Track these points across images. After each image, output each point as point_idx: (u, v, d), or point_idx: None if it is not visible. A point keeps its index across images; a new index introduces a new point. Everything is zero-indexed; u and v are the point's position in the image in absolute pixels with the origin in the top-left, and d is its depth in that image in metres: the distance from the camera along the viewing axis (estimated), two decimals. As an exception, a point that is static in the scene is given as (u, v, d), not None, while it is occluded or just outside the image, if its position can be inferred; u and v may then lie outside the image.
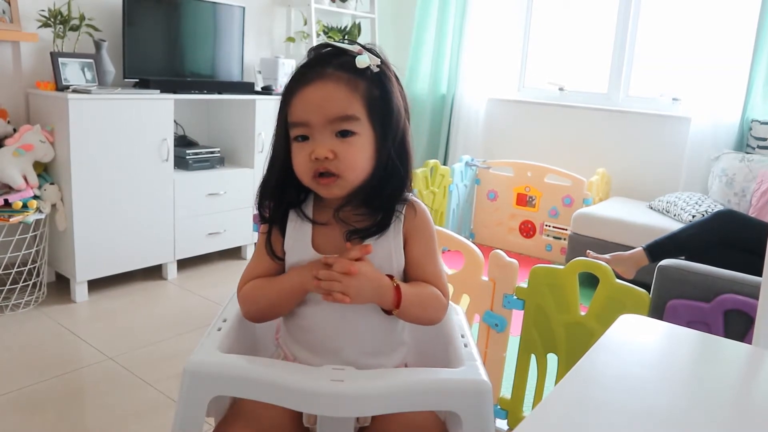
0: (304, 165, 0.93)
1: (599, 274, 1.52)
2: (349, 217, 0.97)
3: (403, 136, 0.98)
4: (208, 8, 3.12)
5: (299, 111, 0.93)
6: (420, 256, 1.00)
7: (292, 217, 1.00)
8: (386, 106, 0.94)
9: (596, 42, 3.78)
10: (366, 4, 4.11)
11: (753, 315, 1.38)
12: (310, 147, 0.92)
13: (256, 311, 1.02)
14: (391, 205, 0.98)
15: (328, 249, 0.98)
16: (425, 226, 1.01)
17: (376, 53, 0.96)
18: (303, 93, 0.92)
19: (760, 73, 3.12)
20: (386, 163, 0.95)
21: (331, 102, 0.91)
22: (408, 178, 0.99)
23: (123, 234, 2.64)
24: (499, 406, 1.71)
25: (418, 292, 0.98)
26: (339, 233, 0.98)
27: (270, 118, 3.11)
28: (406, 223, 0.99)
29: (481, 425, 0.87)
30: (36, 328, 2.31)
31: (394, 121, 0.95)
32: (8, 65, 2.59)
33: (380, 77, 0.94)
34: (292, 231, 1.00)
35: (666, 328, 0.91)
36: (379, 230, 0.97)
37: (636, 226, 2.91)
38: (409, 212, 1.00)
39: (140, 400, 1.87)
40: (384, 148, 0.95)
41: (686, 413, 0.66)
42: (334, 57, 0.94)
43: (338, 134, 0.92)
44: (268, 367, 0.87)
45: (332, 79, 0.91)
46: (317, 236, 0.99)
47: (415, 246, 1.00)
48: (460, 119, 4.04)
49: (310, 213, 1.00)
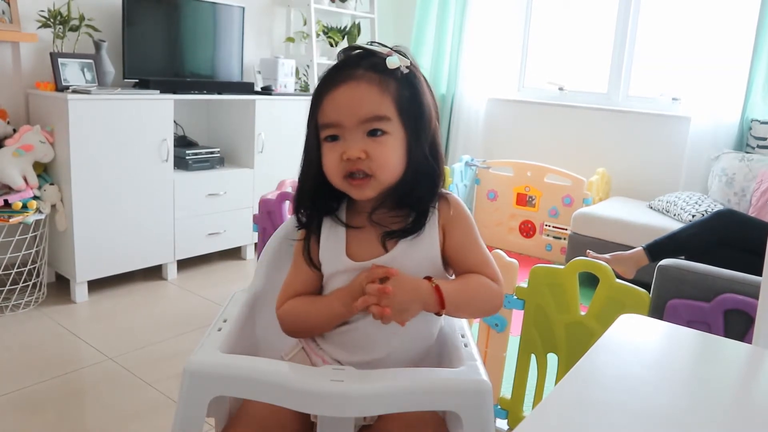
0: (335, 165, 0.93)
1: (599, 274, 1.53)
2: (384, 219, 0.97)
3: (434, 137, 0.98)
4: (208, 8, 3.12)
5: (330, 112, 0.92)
6: (462, 246, 0.99)
7: (326, 225, 1.01)
8: (417, 107, 0.95)
9: (596, 42, 3.78)
10: (366, 4, 4.11)
11: (753, 315, 1.38)
12: (341, 147, 0.92)
13: (296, 332, 1.02)
14: (425, 204, 0.97)
15: (363, 255, 0.98)
16: (462, 216, 1.00)
17: (404, 54, 0.96)
18: (334, 94, 0.92)
19: (760, 72, 3.12)
20: (419, 163, 0.95)
21: (362, 102, 0.91)
22: (441, 177, 0.98)
23: (123, 234, 2.64)
24: (499, 406, 1.71)
25: (461, 287, 0.96)
26: (374, 237, 0.98)
27: (270, 119, 3.12)
28: (442, 217, 0.99)
29: (481, 425, 0.87)
30: (36, 328, 2.31)
31: (426, 121, 0.96)
32: (8, 66, 2.59)
33: (410, 78, 0.95)
34: (326, 239, 1.00)
35: (666, 328, 0.91)
36: (415, 230, 0.96)
37: (636, 226, 2.91)
38: (443, 205, 0.99)
39: (140, 400, 1.87)
40: (416, 147, 0.94)
41: (686, 413, 0.66)
42: (363, 59, 0.94)
43: (369, 134, 0.92)
44: (268, 367, 0.87)
45: (363, 80, 0.92)
46: (351, 243, 0.99)
47: (455, 237, 0.99)
48: (460, 119, 4.04)
49: (343, 219, 1.00)
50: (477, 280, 0.98)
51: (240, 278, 2.99)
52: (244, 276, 3.03)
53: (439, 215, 0.99)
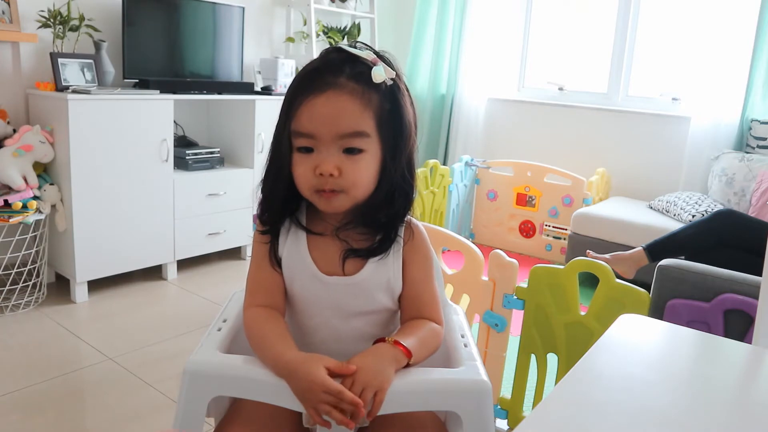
0: (306, 178, 0.90)
1: (599, 274, 1.52)
2: (349, 235, 0.95)
3: (411, 154, 0.94)
4: (208, 8, 3.12)
5: (306, 122, 0.88)
6: (417, 280, 0.98)
7: (284, 226, 0.98)
8: (397, 122, 0.91)
9: (596, 42, 3.78)
10: (366, 4, 4.11)
11: (753, 315, 1.38)
12: (314, 160, 0.88)
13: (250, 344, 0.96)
14: (395, 222, 0.95)
15: (324, 264, 0.96)
16: (423, 249, 0.99)
17: (389, 62, 0.92)
18: (313, 103, 0.87)
19: (760, 72, 3.12)
20: (393, 180, 0.92)
21: (341, 116, 0.87)
22: (413, 195, 0.96)
23: (123, 234, 2.64)
24: (499, 406, 1.71)
25: (416, 337, 0.93)
26: (336, 248, 0.95)
27: (269, 119, 3.12)
28: (405, 246, 0.97)
29: (481, 425, 0.87)
30: (36, 328, 2.31)
31: (405, 137, 0.92)
32: (8, 66, 2.59)
33: (393, 91, 0.91)
34: (285, 240, 0.97)
35: (666, 328, 0.91)
36: (378, 252, 0.94)
37: (636, 226, 2.91)
38: (407, 234, 0.97)
39: (140, 400, 1.87)
40: (391, 165, 0.91)
41: (686, 413, 0.66)
42: (347, 64, 0.89)
43: (345, 151, 0.88)
44: (268, 368, 0.87)
45: (345, 91, 0.87)
46: (313, 248, 0.97)
47: (413, 269, 0.98)
48: (460, 119, 4.04)
49: (303, 222, 0.98)
50: (426, 328, 0.96)
51: (240, 278, 2.99)
52: (244, 276, 2.99)
53: (404, 243, 0.97)
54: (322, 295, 0.97)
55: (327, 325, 0.98)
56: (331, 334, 0.99)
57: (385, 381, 0.84)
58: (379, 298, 0.97)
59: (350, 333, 0.99)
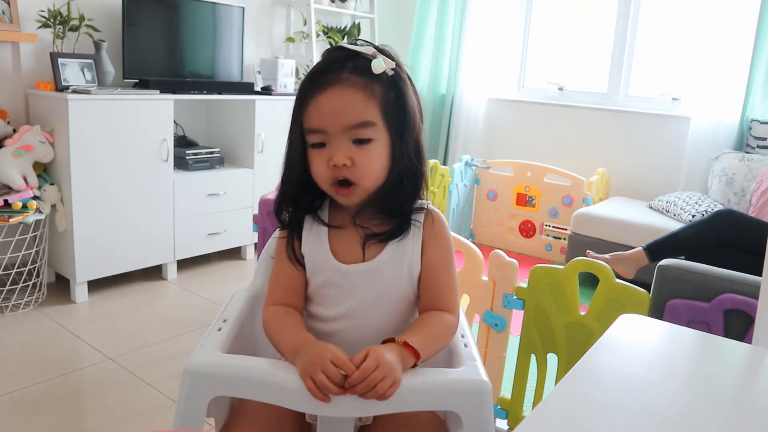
0: (323, 172, 0.94)
1: (599, 274, 1.53)
2: (366, 221, 0.98)
3: (418, 138, 0.97)
4: (208, 8, 3.11)
5: (315, 118, 0.92)
6: (436, 263, 1.00)
7: (307, 223, 1.01)
8: (402, 109, 0.95)
9: (596, 42, 3.78)
10: (366, 4, 4.11)
11: (753, 315, 1.38)
12: (327, 153, 0.92)
13: (270, 342, 1.00)
14: (407, 207, 0.98)
15: (345, 254, 0.99)
16: (441, 234, 1.01)
17: (389, 54, 0.95)
18: (319, 99, 0.91)
19: (760, 72, 3.12)
20: (403, 166, 0.95)
21: (347, 109, 0.90)
22: (424, 179, 0.99)
23: (123, 234, 2.64)
24: (499, 406, 1.71)
25: (426, 335, 0.93)
26: (356, 237, 0.99)
27: (269, 119, 3.12)
28: (425, 231, 1.00)
29: (481, 425, 0.87)
30: (36, 328, 2.31)
31: (410, 124, 0.95)
32: (8, 66, 2.59)
33: (395, 80, 0.94)
34: (308, 237, 1.01)
35: (666, 328, 0.91)
36: (396, 234, 0.97)
37: (636, 226, 2.91)
38: (427, 220, 1.00)
39: (140, 400, 1.87)
40: (400, 151, 0.95)
41: (686, 413, 0.66)
42: (348, 60, 0.93)
43: (355, 141, 0.92)
44: (268, 368, 0.87)
45: (348, 85, 0.91)
46: (334, 241, 1.00)
47: (431, 253, 1.00)
48: (460, 119, 4.04)
49: (325, 218, 1.01)
50: (436, 321, 0.97)
51: (240, 278, 2.99)
52: (244, 276, 3.03)
53: (423, 228, 0.99)
54: (344, 285, 0.99)
55: (346, 318, 0.99)
56: (350, 327, 0.99)
57: (400, 377, 0.85)
58: (398, 283, 0.99)
59: (370, 327, 0.99)
